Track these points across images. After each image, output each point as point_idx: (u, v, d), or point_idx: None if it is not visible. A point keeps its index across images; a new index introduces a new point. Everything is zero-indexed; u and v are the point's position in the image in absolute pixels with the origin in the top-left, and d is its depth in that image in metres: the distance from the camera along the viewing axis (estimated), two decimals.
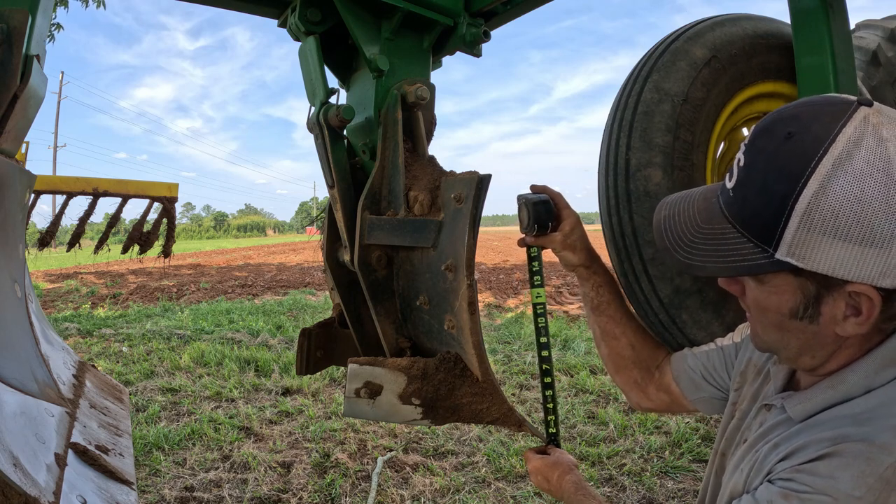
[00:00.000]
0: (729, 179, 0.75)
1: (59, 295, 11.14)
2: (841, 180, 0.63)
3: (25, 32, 1.21)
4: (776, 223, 0.67)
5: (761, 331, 0.81)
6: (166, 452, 3.48)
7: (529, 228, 1.24)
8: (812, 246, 0.65)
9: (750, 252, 0.70)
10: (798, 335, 0.75)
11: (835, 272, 0.66)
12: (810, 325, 0.73)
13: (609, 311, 1.26)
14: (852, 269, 0.64)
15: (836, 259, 0.65)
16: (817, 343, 0.75)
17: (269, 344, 6.37)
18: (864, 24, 2.89)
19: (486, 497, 2.95)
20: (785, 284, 0.72)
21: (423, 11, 1.61)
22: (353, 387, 1.40)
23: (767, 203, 0.67)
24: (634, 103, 1.49)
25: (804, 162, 0.64)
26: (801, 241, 0.65)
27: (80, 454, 1.16)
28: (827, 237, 0.64)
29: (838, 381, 0.75)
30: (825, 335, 0.73)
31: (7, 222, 1.28)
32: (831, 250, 0.64)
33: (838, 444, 0.68)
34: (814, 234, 0.65)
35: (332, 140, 1.59)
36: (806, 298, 0.71)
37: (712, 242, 0.75)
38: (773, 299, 0.74)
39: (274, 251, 31.74)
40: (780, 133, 0.68)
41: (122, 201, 5.11)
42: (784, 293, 0.72)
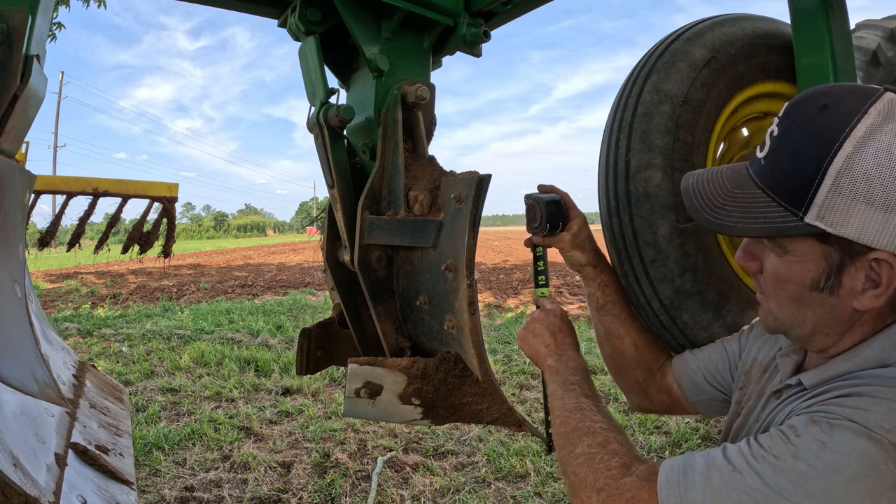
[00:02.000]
0: (760, 150, 0.77)
1: (59, 295, 11.14)
2: (871, 148, 0.66)
3: (25, 32, 1.21)
4: (808, 187, 0.69)
5: (777, 308, 0.80)
6: (166, 452, 3.48)
7: (541, 228, 1.23)
8: (841, 210, 0.68)
9: (780, 215, 0.72)
10: (816, 309, 0.76)
11: (860, 237, 0.68)
12: (829, 297, 0.74)
13: (614, 311, 1.26)
14: (877, 235, 0.67)
15: (863, 224, 0.67)
16: (833, 319, 0.76)
17: (269, 344, 6.38)
18: (864, 24, 2.89)
19: (486, 497, 2.95)
20: (809, 252, 0.73)
21: (423, 11, 1.61)
22: (353, 387, 1.40)
23: (800, 167, 0.70)
24: (634, 105, 1.49)
25: (838, 129, 0.68)
26: (831, 205, 0.68)
27: (80, 454, 1.16)
28: (856, 202, 0.67)
29: (853, 355, 0.76)
30: (842, 310, 0.74)
31: (7, 222, 1.28)
32: (859, 215, 0.67)
33: (865, 386, 0.69)
34: (843, 198, 0.67)
35: (332, 140, 1.59)
36: (829, 267, 0.72)
37: (742, 205, 0.76)
38: (796, 269, 0.75)
39: (274, 251, 31.73)
40: (815, 105, 0.71)
41: (122, 201, 5.11)
42: (808, 261, 0.73)
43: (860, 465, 0.62)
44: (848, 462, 0.62)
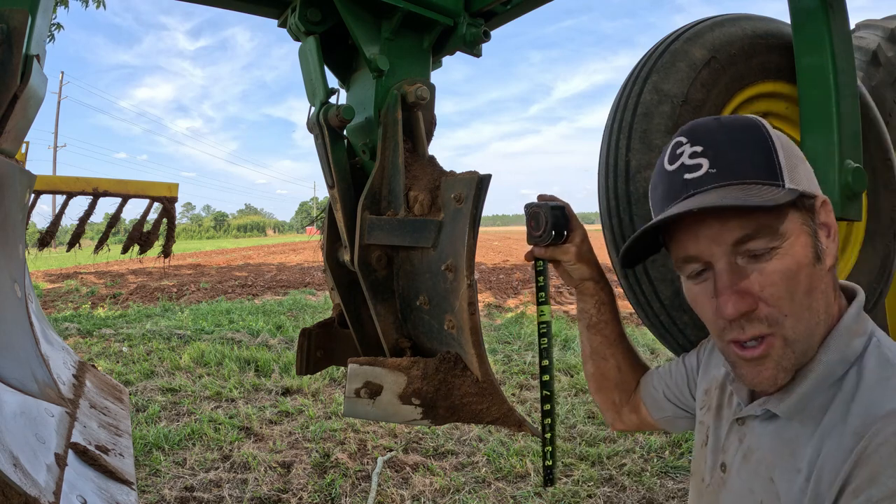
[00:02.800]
0: (696, 170, 0.77)
1: (59, 295, 11.14)
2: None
3: (25, 32, 1.21)
4: (770, 159, 0.75)
5: (795, 321, 0.72)
6: (166, 452, 3.48)
7: (545, 236, 1.16)
8: (794, 168, 0.76)
9: (771, 191, 0.73)
10: (819, 286, 0.74)
11: (810, 187, 0.76)
12: (821, 264, 0.75)
13: (605, 331, 1.22)
14: (812, 182, 0.78)
15: (805, 175, 0.77)
16: (829, 291, 0.76)
17: (269, 344, 6.38)
18: (864, 24, 2.89)
19: (486, 497, 2.95)
20: (796, 227, 0.74)
21: (423, 11, 1.61)
22: (353, 387, 1.40)
23: (754, 150, 0.75)
24: (634, 105, 1.49)
25: (738, 117, 0.79)
26: (789, 166, 0.75)
27: (80, 454, 1.16)
28: (795, 160, 0.76)
29: (814, 365, 0.74)
30: (825, 276, 0.76)
31: (7, 222, 1.28)
32: (800, 170, 0.76)
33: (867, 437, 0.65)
34: (789, 158, 0.76)
35: (332, 140, 1.59)
36: (812, 230, 0.75)
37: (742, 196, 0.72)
38: (798, 251, 0.73)
39: (274, 251, 31.74)
40: (711, 120, 0.81)
41: (122, 201, 5.10)
42: (799, 235, 0.74)
43: None
44: None
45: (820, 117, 1.56)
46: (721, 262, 0.75)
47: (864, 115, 1.69)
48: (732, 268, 0.74)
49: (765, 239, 0.73)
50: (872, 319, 0.82)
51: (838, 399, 0.72)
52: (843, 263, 1.82)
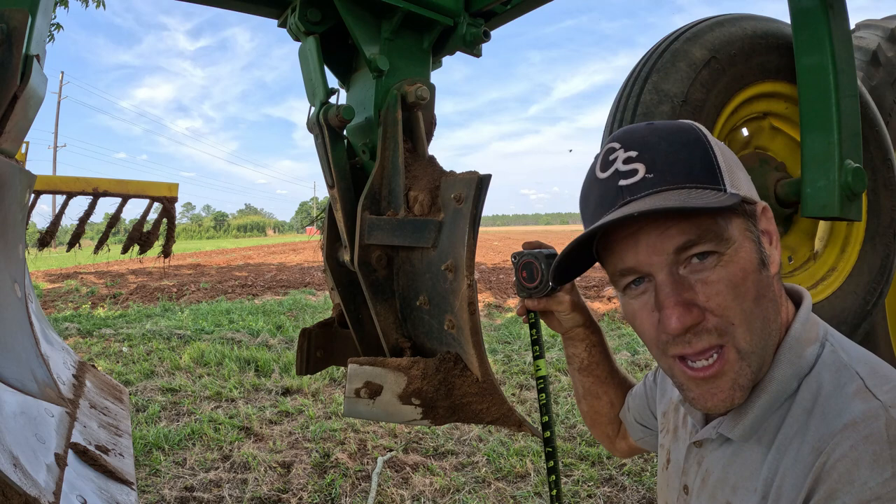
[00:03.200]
0: (632, 176, 0.71)
1: (59, 295, 11.14)
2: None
3: (25, 32, 1.21)
4: (710, 163, 0.71)
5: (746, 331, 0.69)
6: (166, 452, 3.48)
7: (541, 287, 1.08)
8: (733, 173, 0.73)
9: (716, 196, 0.68)
10: (767, 293, 0.71)
11: (749, 193, 0.74)
12: (766, 271, 0.72)
13: (597, 372, 1.20)
14: (751, 188, 0.76)
15: (743, 182, 0.74)
16: (777, 298, 0.73)
17: (269, 344, 6.38)
18: (864, 24, 2.89)
19: (486, 497, 2.95)
20: (739, 232, 0.70)
21: (423, 11, 1.61)
22: (353, 387, 1.40)
23: (691, 151, 0.71)
24: (634, 104, 1.49)
25: (676, 122, 0.76)
26: (728, 170, 0.72)
27: (80, 454, 1.16)
28: (733, 166, 0.74)
29: (766, 383, 0.71)
30: (773, 285, 0.73)
31: (7, 222, 1.28)
32: (739, 176, 0.74)
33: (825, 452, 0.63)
34: (728, 163, 0.73)
35: (332, 140, 1.59)
36: (755, 236, 0.72)
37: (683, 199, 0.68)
38: (743, 256, 0.69)
39: (274, 251, 31.74)
40: (641, 125, 0.77)
41: (122, 201, 5.10)
42: (745, 241, 0.70)
43: None
44: None
45: (820, 117, 1.56)
46: (662, 273, 0.70)
47: (864, 115, 1.69)
48: (674, 278, 0.69)
49: (709, 244, 0.68)
50: (872, 319, 0.82)
51: (793, 414, 0.70)
52: (843, 263, 1.82)
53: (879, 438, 0.61)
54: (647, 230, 0.70)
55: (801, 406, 0.69)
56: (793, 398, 0.71)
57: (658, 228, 0.69)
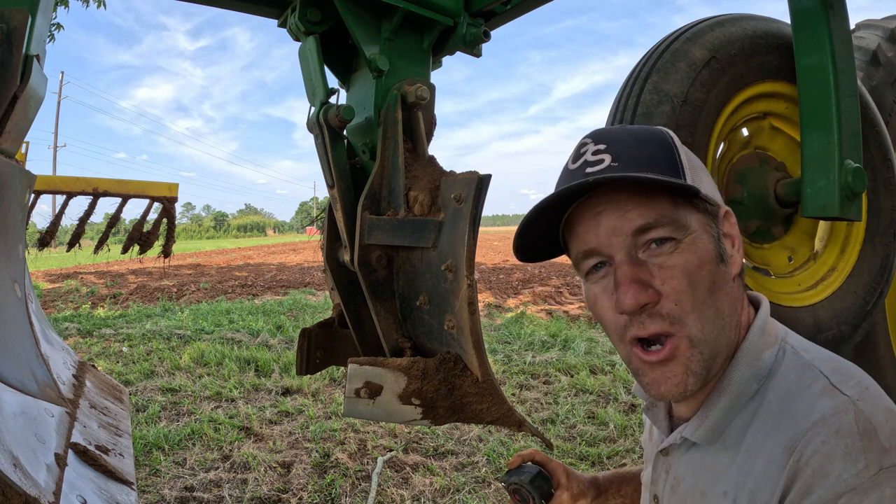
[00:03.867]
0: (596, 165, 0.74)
1: (59, 295, 11.14)
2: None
3: (25, 32, 1.21)
4: (672, 157, 0.75)
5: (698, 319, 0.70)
6: (166, 452, 3.48)
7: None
8: (696, 172, 0.76)
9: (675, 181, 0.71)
10: (724, 287, 0.72)
11: (712, 196, 0.76)
12: (725, 267, 0.74)
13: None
14: (714, 191, 0.78)
15: (707, 184, 0.77)
16: (734, 297, 0.74)
17: (269, 344, 6.38)
18: (864, 24, 2.89)
19: (486, 497, 2.95)
20: (699, 225, 0.73)
21: (423, 11, 1.61)
22: (353, 387, 1.40)
23: (656, 146, 0.75)
24: (634, 104, 1.49)
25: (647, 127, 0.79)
26: (690, 167, 0.75)
27: (80, 454, 1.16)
28: (695, 168, 0.77)
29: (724, 385, 0.72)
30: (732, 283, 0.75)
31: (7, 222, 1.28)
32: (702, 177, 0.77)
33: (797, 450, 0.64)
34: (690, 163, 0.76)
35: (332, 140, 1.59)
36: (713, 231, 0.75)
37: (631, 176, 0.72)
38: (701, 246, 0.71)
39: (274, 251, 31.74)
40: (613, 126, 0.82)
41: (122, 201, 5.10)
42: (702, 233, 0.73)
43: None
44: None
45: (820, 117, 1.56)
46: (621, 254, 0.72)
47: (864, 115, 1.69)
48: (632, 259, 0.71)
49: (666, 229, 0.70)
50: (872, 319, 0.83)
51: (760, 417, 0.70)
52: (843, 263, 1.82)
53: (850, 431, 0.62)
54: (608, 212, 0.73)
55: (768, 409, 0.70)
56: (757, 401, 0.72)
57: (618, 210, 0.72)
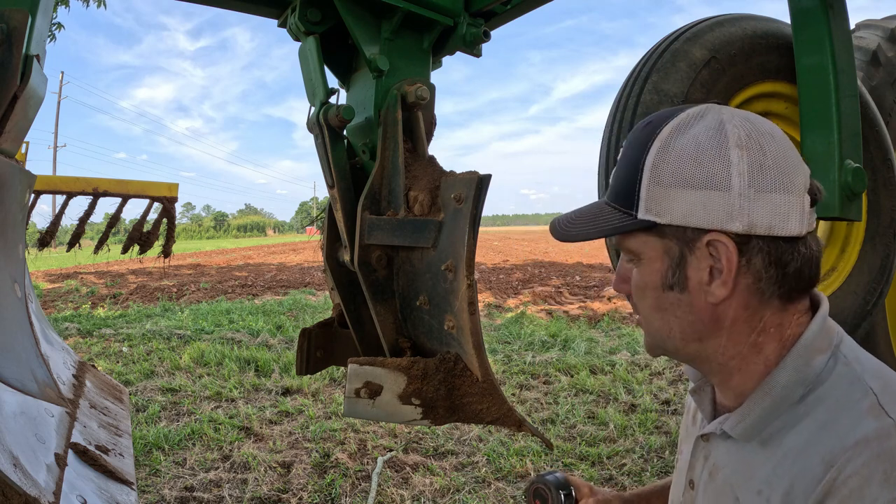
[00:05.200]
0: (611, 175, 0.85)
1: (59, 295, 11.14)
2: (681, 139, 0.72)
3: (25, 32, 1.21)
4: (633, 185, 0.75)
5: (646, 323, 0.81)
6: (166, 452, 3.48)
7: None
8: (664, 199, 0.72)
9: (618, 218, 0.77)
10: (676, 312, 0.76)
11: (688, 221, 0.71)
12: (682, 294, 0.74)
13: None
14: (701, 214, 0.70)
15: (686, 207, 0.71)
16: (697, 321, 0.75)
17: (269, 344, 6.38)
18: (864, 24, 2.89)
19: (486, 497, 2.95)
20: (654, 252, 0.76)
21: (423, 11, 1.61)
22: (353, 387, 1.40)
23: (627, 172, 0.77)
24: (634, 104, 1.49)
25: (655, 128, 0.75)
26: (654, 196, 0.73)
27: (80, 454, 1.16)
28: (674, 188, 0.72)
29: (769, 386, 0.73)
30: (700, 308, 0.74)
31: (7, 222, 1.28)
32: (681, 199, 0.71)
33: (836, 466, 0.64)
34: (662, 187, 0.72)
35: (332, 140, 1.59)
36: (672, 261, 0.74)
37: (589, 218, 0.82)
38: (647, 273, 0.77)
39: (274, 251, 31.75)
40: (642, 124, 0.79)
41: (122, 201, 5.10)
42: (654, 261, 0.76)
43: None
44: None
45: (820, 117, 1.56)
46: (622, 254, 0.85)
47: (864, 115, 1.69)
48: (623, 257, 0.84)
49: (624, 251, 0.81)
50: (872, 319, 0.82)
51: (805, 425, 0.70)
52: (843, 263, 1.82)
53: (891, 458, 0.62)
54: None
55: (812, 417, 0.70)
56: (801, 406, 0.71)
57: None
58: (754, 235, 0.69)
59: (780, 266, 0.71)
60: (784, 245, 0.70)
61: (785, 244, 0.70)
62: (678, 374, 5.04)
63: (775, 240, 0.70)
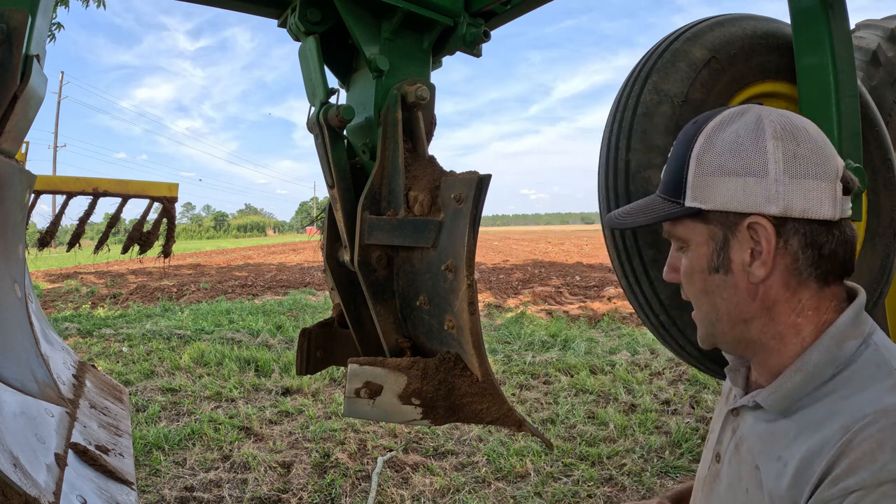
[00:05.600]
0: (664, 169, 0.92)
1: (59, 295, 11.14)
2: (723, 133, 0.80)
3: (25, 32, 1.21)
4: (681, 176, 0.83)
5: (697, 311, 0.87)
6: (166, 452, 3.48)
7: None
8: (708, 186, 0.80)
9: (668, 207, 0.85)
10: (722, 294, 0.82)
11: (729, 206, 0.78)
12: (726, 276, 0.81)
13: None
14: (741, 199, 0.77)
15: (728, 193, 0.78)
16: (741, 301, 0.80)
17: (269, 344, 6.37)
18: (864, 24, 2.89)
19: (486, 497, 2.95)
20: (700, 237, 0.82)
21: (423, 11, 1.61)
22: (353, 387, 1.40)
23: (676, 165, 0.84)
24: (634, 104, 1.49)
25: (700, 125, 0.83)
26: (699, 185, 0.80)
27: (80, 454, 1.16)
28: (716, 176, 0.79)
29: (802, 364, 0.77)
30: (743, 289, 0.80)
31: (7, 222, 1.28)
32: (723, 186, 0.78)
33: (853, 430, 0.68)
34: (706, 176, 0.80)
35: (332, 140, 1.59)
36: (717, 245, 0.81)
37: (642, 209, 0.90)
38: (695, 257, 0.83)
39: (274, 251, 31.75)
40: (691, 124, 0.87)
41: (122, 201, 5.09)
42: (701, 246, 0.82)
43: None
44: None
45: (820, 117, 1.56)
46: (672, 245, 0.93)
47: (864, 115, 1.69)
48: (673, 246, 0.91)
49: (673, 239, 0.89)
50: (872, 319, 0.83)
51: (829, 398, 0.74)
52: None
53: None
54: None
55: (839, 395, 0.74)
56: (830, 386, 0.75)
57: None
58: (790, 218, 0.75)
59: (816, 247, 0.76)
60: (819, 228, 0.76)
61: (819, 227, 0.76)
62: (678, 374, 5.04)
63: (810, 222, 0.76)
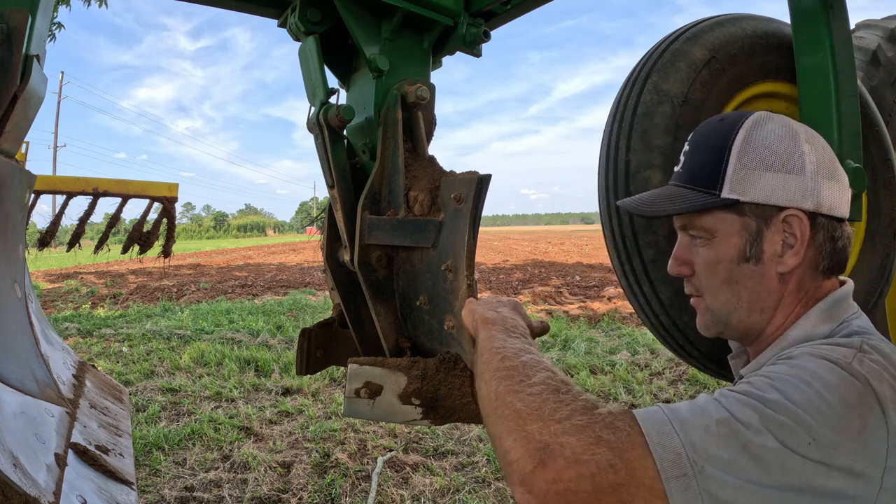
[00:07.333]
0: (677, 167, 0.95)
1: (59, 295, 11.14)
2: (762, 132, 0.85)
3: (25, 32, 1.21)
4: (718, 167, 0.86)
5: (712, 299, 0.89)
6: (166, 452, 3.48)
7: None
8: (748, 180, 0.83)
9: (699, 197, 0.87)
10: (747, 283, 0.85)
11: (769, 199, 0.83)
12: (756, 266, 0.84)
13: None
14: (781, 193, 0.82)
15: (768, 187, 0.83)
16: (764, 290, 0.85)
17: (269, 344, 6.37)
18: (864, 24, 2.89)
19: (486, 497, 2.95)
20: (731, 228, 0.85)
21: (423, 11, 1.61)
22: (353, 387, 1.40)
23: (710, 157, 0.87)
24: (634, 104, 1.49)
25: (734, 124, 0.87)
26: (739, 177, 0.84)
27: (80, 454, 1.16)
28: (757, 170, 0.83)
29: (782, 339, 0.85)
30: (770, 278, 0.84)
31: (7, 222, 1.28)
32: (762, 180, 0.83)
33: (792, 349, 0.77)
34: (747, 169, 0.84)
35: (332, 140, 1.59)
36: (750, 236, 0.84)
37: (666, 198, 0.92)
38: (724, 247, 0.86)
39: (274, 251, 31.75)
40: (713, 121, 0.92)
41: (122, 201, 5.09)
42: (731, 236, 0.85)
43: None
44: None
45: (820, 117, 1.56)
46: (679, 234, 0.95)
47: (864, 115, 1.69)
48: (683, 240, 0.94)
49: (693, 230, 0.90)
50: (872, 319, 0.84)
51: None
52: None
53: (831, 364, 0.70)
54: None
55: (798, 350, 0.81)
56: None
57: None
58: (819, 213, 0.83)
59: (833, 241, 0.84)
60: (837, 224, 0.84)
61: (837, 224, 0.84)
62: (678, 374, 5.04)
63: (832, 219, 0.84)
